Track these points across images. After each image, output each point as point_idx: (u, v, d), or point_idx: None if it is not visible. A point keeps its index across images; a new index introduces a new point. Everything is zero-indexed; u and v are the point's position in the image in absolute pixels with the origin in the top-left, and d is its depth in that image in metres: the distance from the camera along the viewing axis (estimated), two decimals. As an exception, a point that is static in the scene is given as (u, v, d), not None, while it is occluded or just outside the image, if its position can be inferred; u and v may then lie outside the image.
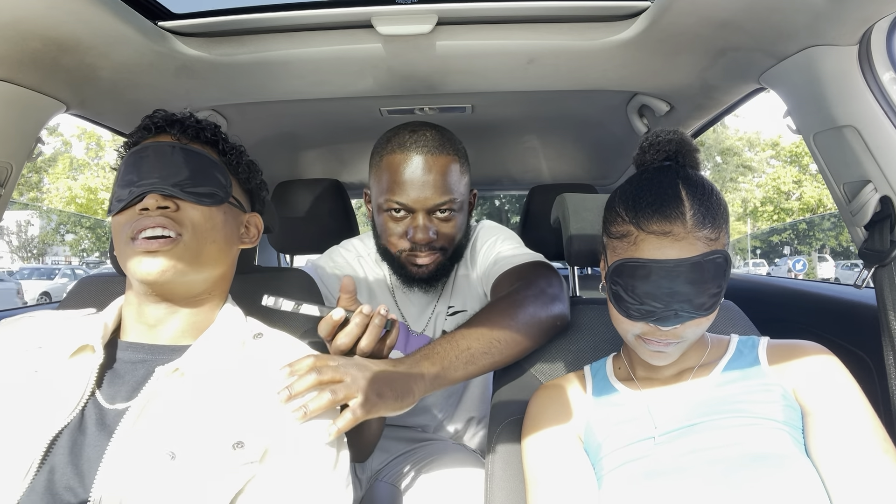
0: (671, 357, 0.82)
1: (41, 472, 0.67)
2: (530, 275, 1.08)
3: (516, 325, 0.96)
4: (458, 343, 0.89)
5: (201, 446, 0.69)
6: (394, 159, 1.12)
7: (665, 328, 0.77)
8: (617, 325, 0.85)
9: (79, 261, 20.47)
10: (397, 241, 1.16)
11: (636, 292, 0.77)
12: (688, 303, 0.76)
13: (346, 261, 1.31)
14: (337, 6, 1.01)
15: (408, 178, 1.10)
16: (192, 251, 0.77)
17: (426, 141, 1.13)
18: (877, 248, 0.93)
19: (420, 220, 1.12)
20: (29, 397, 0.72)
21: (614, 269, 0.79)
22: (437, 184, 1.11)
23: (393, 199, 1.12)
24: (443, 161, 1.12)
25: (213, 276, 0.82)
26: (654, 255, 0.76)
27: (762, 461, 0.72)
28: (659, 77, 1.26)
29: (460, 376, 0.88)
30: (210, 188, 0.80)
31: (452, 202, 1.13)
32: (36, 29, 0.89)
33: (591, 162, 2.17)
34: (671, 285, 0.75)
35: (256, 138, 1.71)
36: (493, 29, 1.08)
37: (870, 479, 0.69)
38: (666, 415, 0.82)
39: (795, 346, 0.83)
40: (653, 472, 0.77)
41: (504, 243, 1.22)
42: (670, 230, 0.76)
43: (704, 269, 0.75)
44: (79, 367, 0.75)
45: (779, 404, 0.78)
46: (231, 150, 0.85)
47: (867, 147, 0.91)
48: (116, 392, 0.75)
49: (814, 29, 0.89)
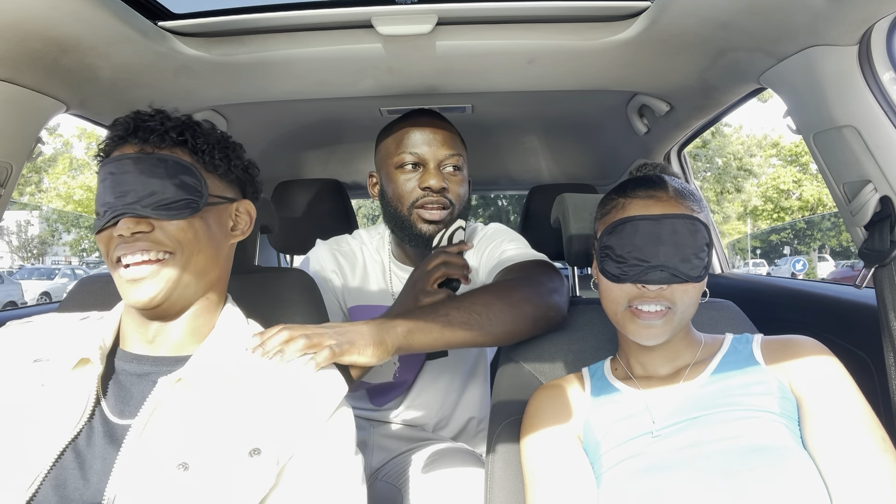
0: (661, 334, 0.82)
1: (46, 486, 0.66)
2: (530, 269, 1.10)
3: (503, 304, 0.98)
4: (437, 308, 0.95)
5: (215, 455, 0.67)
6: (405, 125, 1.25)
7: (652, 287, 0.80)
8: (607, 305, 0.87)
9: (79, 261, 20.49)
10: (410, 193, 1.22)
11: (624, 251, 0.82)
12: (672, 260, 0.80)
13: (350, 246, 1.37)
14: (337, 6, 1.01)
15: (419, 136, 1.23)
16: (178, 268, 0.74)
17: (434, 114, 1.29)
18: (877, 248, 0.93)
19: (432, 168, 1.22)
20: (36, 412, 0.70)
21: (604, 233, 0.85)
22: (445, 140, 1.23)
23: (407, 150, 1.22)
24: (448, 126, 1.27)
25: (208, 282, 0.80)
26: (640, 212, 0.83)
27: (760, 454, 0.73)
28: (659, 77, 1.26)
29: (436, 338, 0.91)
30: (183, 197, 0.74)
31: (459, 157, 1.24)
32: (36, 29, 0.89)
33: (591, 162, 2.17)
34: (656, 240, 0.81)
35: (256, 138, 1.71)
36: (493, 29, 1.08)
37: (865, 467, 0.70)
38: (663, 411, 0.83)
39: (789, 340, 0.85)
40: (651, 467, 0.77)
41: (510, 243, 1.24)
42: (654, 195, 0.85)
43: (688, 228, 0.81)
44: (81, 379, 0.73)
45: (775, 396, 0.78)
46: (203, 145, 0.78)
47: (867, 147, 0.91)
48: (124, 406, 0.73)
49: (814, 29, 0.89)
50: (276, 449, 0.69)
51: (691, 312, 0.84)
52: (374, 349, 0.84)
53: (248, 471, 0.67)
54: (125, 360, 0.77)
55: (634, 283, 0.81)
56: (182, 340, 0.79)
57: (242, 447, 0.68)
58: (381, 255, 1.35)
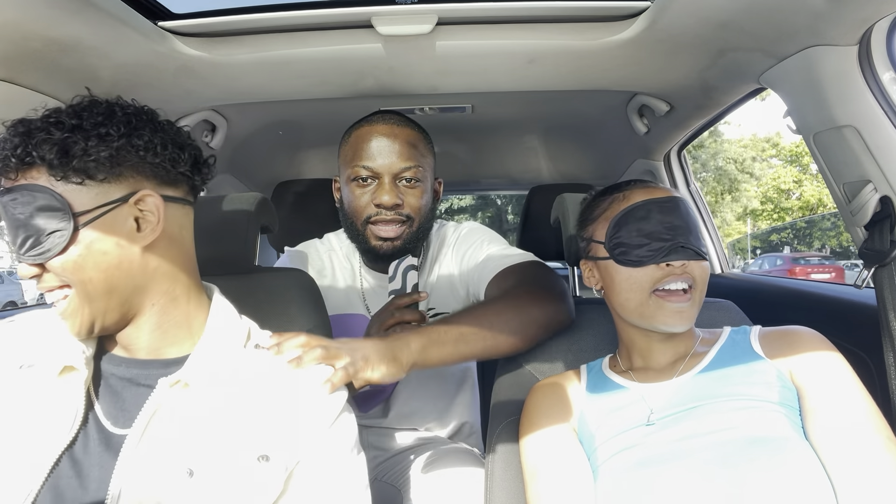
0: (690, 317, 0.84)
1: (44, 496, 0.64)
2: (534, 273, 1.09)
3: (514, 313, 0.97)
4: (448, 321, 0.93)
5: (223, 461, 0.66)
6: (361, 132, 1.18)
7: (677, 263, 0.82)
8: (630, 296, 0.85)
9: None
10: (363, 208, 1.17)
11: (640, 234, 0.84)
12: (687, 237, 0.83)
13: (319, 254, 1.33)
14: (337, 6, 1.02)
15: (374, 144, 1.16)
16: (81, 298, 0.68)
17: (392, 117, 1.20)
18: (877, 248, 0.93)
19: (386, 182, 1.15)
20: (27, 421, 0.68)
21: (613, 225, 0.86)
22: (402, 150, 1.16)
23: (360, 163, 1.16)
24: (407, 132, 1.18)
25: (132, 293, 0.70)
26: (645, 198, 0.86)
27: (760, 445, 0.72)
28: (659, 77, 1.26)
29: (450, 352, 0.90)
30: (53, 229, 0.65)
31: (417, 169, 1.17)
32: (36, 29, 0.89)
33: (591, 162, 2.17)
34: (670, 219, 0.83)
35: (256, 138, 1.71)
36: (493, 29, 1.08)
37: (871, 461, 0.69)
38: (661, 401, 0.82)
39: (787, 331, 0.85)
40: (648, 458, 0.77)
41: (491, 245, 1.22)
42: (649, 184, 0.89)
43: (689, 208, 0.87)
44: (69, 386, 0.70)
45: (774, 386, 0.78)
46: (50, 152, 0.65)
47: (867, 147, 0.91)
48: (119, 412, 0.71)
49: (814, 29, 0.89)
50: (285, 455, 0.68)
51: (705, 292, 0.87)
52: (387, 366, 0.83)
53: (258, 477, 0.66)
54: (113, 363, 0.74)
55: (658, 265, 0.83)
56: (159, 343, 0.74)
57: (250, 453, 0.67)
58: (350, 261, 1.31)
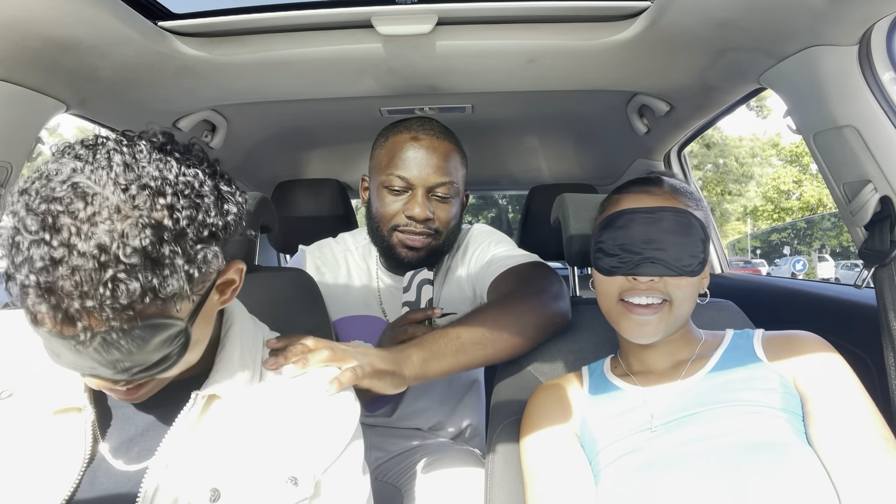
0: (655, 331, 0.82)
1: None
2: (530, 274, 1.09)
3: (511, 318, 0.97)
4: (447, 333, 0.92)
5: (251, 482, 0.63)
6: (400, 138, 1.18)
7: (642, 279, 0.80)
8: (600, 300, 0.87)
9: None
10: (393, 216, 1.17)
11: (616, 244, 0.82)
12: (663, 252, 0.80)
13: (334, 254, 1.33)
14: (337, 6, 1.01)
15: (412, 155, 1.16)
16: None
17: (432, 127, 1.20)
18: (877, 248, 0.93)
19: (419, 195, 1.15)
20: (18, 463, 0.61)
21: (599, 229, 0.87)
22: (439, 165, 1.16)
23: (396, 173, 1.15)
24: (446, 146, 1.18)
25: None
26: (633, 206, 0.84)
27: (762, 449, 0.72)
28: (659, 77, 1.26)
29: (451, 363, 0.90)
30: (161, 354, 0.57)
31: (451, 185, 1.17)
32: (36, 29, 0.89)
33: (591, 162, 2.17)
34: (648, 232, 0.81)
35: (256, 138, 1.71)
36: (493, 29, 1.08)
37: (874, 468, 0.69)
38: (662, 406, 0.82)
39: (791, 336, 0.84)
40: (650, 463, 0.76)
41: (498, 246, 1.22)
42: (648, 190, 0.86)
43: (681, 222, 0.81)
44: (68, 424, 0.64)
45: (777, 392, 0.78)
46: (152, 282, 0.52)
47: (867, 147, 0.91)
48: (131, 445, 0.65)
49: (814, 29, 0.89)
50: (310, 476, 0.67)
51: (689, 308, 0.84)
52: (391, 378, 0.83)
53: (287, 501, 0.64)
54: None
55: (625, 276, 0.82)
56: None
57: (279, 475, 0.65)
58: (367, 261, 1.31)
